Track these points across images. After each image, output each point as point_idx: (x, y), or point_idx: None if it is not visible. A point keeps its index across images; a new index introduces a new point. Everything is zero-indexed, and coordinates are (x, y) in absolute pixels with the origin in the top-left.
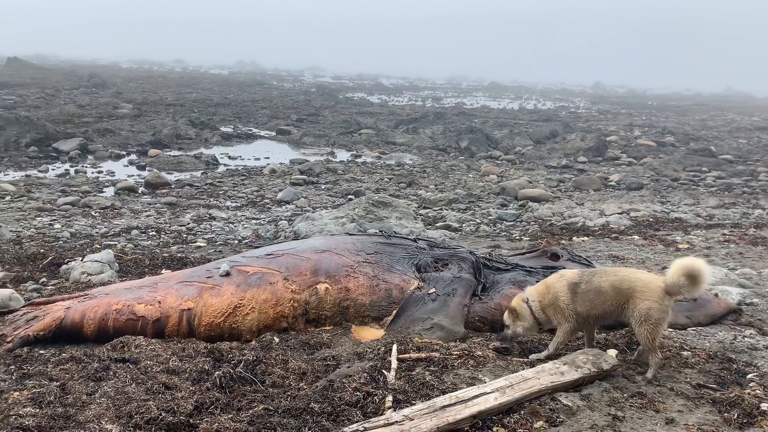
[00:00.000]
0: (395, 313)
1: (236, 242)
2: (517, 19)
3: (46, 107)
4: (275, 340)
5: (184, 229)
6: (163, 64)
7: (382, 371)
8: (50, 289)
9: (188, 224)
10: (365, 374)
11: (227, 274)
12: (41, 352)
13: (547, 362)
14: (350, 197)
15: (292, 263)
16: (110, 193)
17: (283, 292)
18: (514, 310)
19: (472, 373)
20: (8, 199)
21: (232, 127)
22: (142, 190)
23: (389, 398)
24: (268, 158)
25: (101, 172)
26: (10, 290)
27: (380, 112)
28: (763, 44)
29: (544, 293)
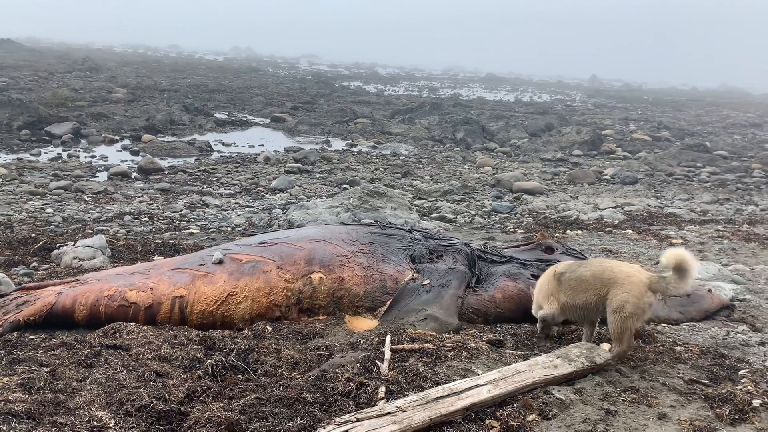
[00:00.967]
0: (389, 303)
1: (229, 230)
2: (514, 14)
3: (39, 90)
4: (268, 329)
5: (177, 215)
6: (158, 49)
7: (375, 362)
8: (41, 273)
9: (181, 211)
10: (358, 364)
11: (220, 261)
12: (31, 337)
13: (540, 356)
14: (345, 186)
15: (286, 252)
16: (103, 178)
17: (276, 281)
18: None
19: (465, 365)
20: None
21: (226, 113)
22: (135, 175)
23: (382, 389)
24: (262, 146)
25: (94, 156)
26: (0, 274)
27: (376, 101)
28: (758, 41)
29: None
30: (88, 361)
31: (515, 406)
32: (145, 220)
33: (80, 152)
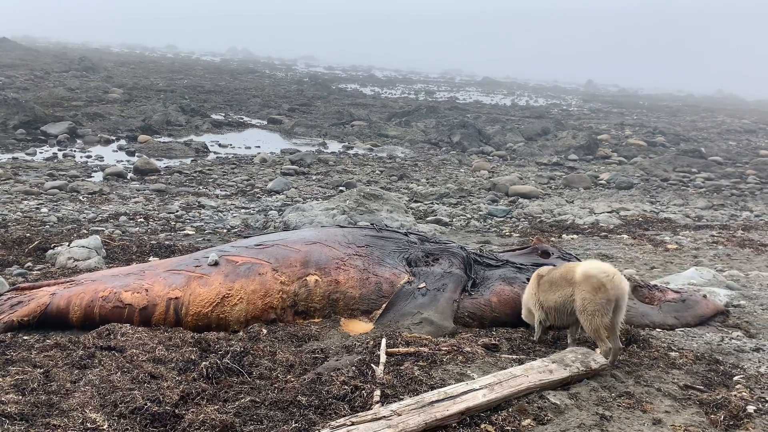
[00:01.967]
0: (385, 306)
1: (225, 231)
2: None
3: (35, 89)
4: (263, 331)
5: (172, 216)
6: (155, 49)
7: (370, 365)
8: (36, 274)
9: (177, 212)
10: (353, 368)
11: (216, 263)
12: (25, 338)
13: (536, 360)
14: (341, 189)
15: (281, 254)
16: (99, 178)
17: (272, 283)
18: None
19: (460, 368)
20: None
21: (223, 114)
22: (131, 176)
23: (377, 393)
24: (258, 147)
25: (90, 156)
26: None
27: (373, 104)
28: (755, 48)
29: None
30: (82, 362)
31: (510, 410)
32: (140, 220)
33: (76, 152)
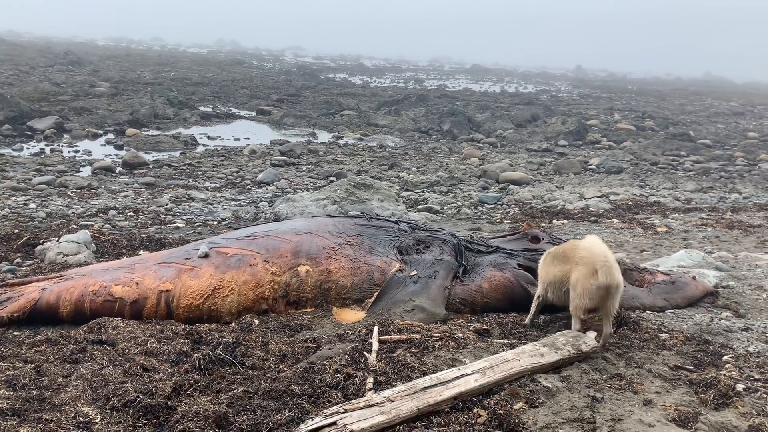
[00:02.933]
0: (376, 295)
1: (215, 223)
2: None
3: (20, 84)
4: (255, 322)
5: (162, 209)
6: (141, 42)
7: (363, 353)
8: (25, 270)
9: (167, 205)
10: (346, 356)
11: (206, 255)
12: (15, 333)
13: (527, 344)
14: (332, 179)
15: (272, 245)
16: (87, 172)
17: (263, 273)
18: None
19: (452, 354)
20: None
21: (211, 106)
22: (119, 169)
23: (370, 380)
24: (248, 139)
25: (78, 151)
26: None
27: (362, 93)
28: (741, 30)
29: None
30: (73, 356)
31: (502, 394)
32: (130, 214)
33: (63, 147)
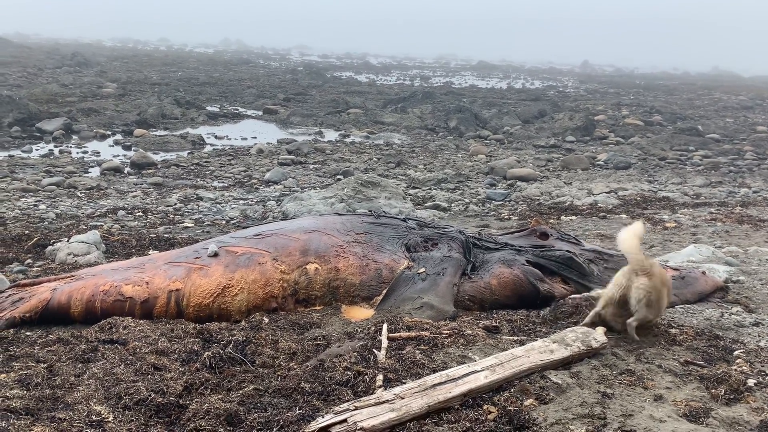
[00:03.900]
0: (385, 292)
1: (224, 222)
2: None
3: (28, 86)
4: (265, 320)
5: (171, 209)
6: (147, 42)
7: (372, 350)
8: (36, 270)
9: (175, 204)
10: (355, 353)
11: (215, 254)
12: (27, 333)
13: (537, 341)
14: (339, 177)
15: (281, 243)
16: (96, 173)
17: (272, 272)
18: None
19: (462, 351)
20: None
21: (218, 106)
22: (128, 170)
23: (380, 377)
24: (255, 138)
25: (86, 152)
26: None
27: (368, 91)
28: (749, 24)
29: None
30: (85, 356)
31: (512, 391)
32: (139, 214)
33: (72, 148)
